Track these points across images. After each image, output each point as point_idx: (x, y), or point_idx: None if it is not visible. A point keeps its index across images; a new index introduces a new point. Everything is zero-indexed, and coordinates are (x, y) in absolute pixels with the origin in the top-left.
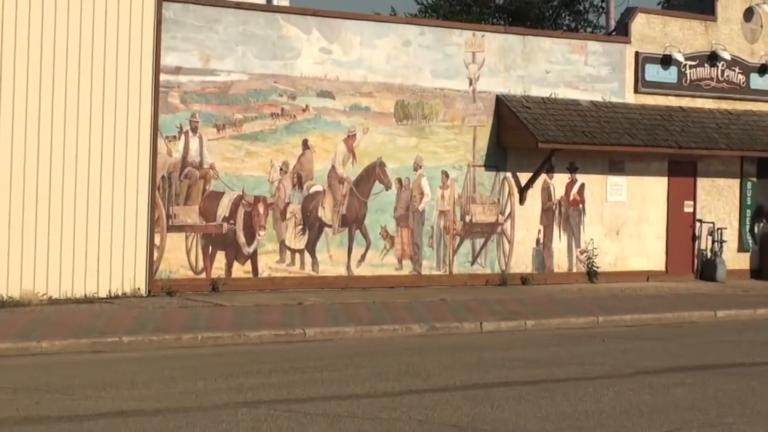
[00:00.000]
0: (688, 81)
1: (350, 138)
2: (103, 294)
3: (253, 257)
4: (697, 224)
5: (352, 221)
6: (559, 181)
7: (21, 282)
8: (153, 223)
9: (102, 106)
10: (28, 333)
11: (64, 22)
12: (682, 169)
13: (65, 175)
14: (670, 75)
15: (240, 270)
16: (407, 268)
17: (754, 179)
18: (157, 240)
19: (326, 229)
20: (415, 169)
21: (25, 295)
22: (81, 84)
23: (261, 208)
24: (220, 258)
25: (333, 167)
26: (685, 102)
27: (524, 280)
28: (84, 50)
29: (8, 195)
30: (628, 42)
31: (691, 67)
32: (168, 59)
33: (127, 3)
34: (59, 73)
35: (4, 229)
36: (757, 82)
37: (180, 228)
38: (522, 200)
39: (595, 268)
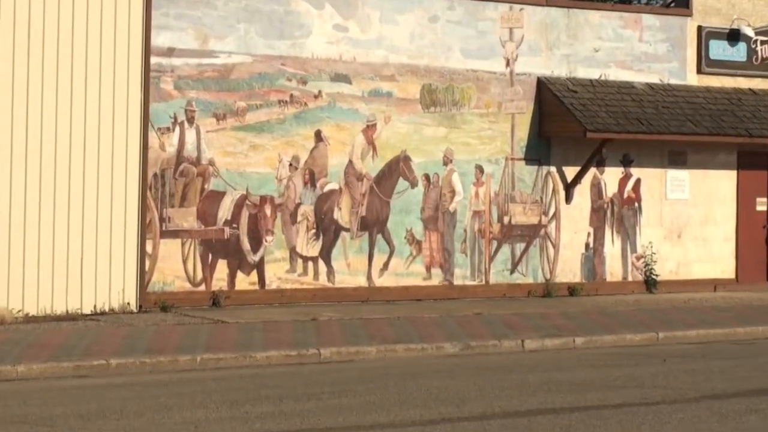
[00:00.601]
0: (759, 59)
1: (370, 128)
2: (87, 310)
3: (260, 266)
4: None
5: (373, 224)
6: (611, 176)
7: None
8: (144, 228)
9: (84, 95)
10: (2, 356)
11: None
12: (754, 161)
13: (42, 174)
14: (739, 52)
15: (245, 281)
16: (437, 278)
17: None
18: (148, 247)
19: (343, 233)
20: (445, 164)
21: None
22: (60, 69)
23: (268, 210)
24: (222, 267)
25: (350, 162)
26: (756, 83)
27: (572, 290)
28: (63, 31)
29: None
30: (690, 14)
31: (762, 43)
32: (159, 39)
33: None
34: (35, 58)
35: None
36: None
37: (175, 233)
38: (568, 198)
39: (653, 276)
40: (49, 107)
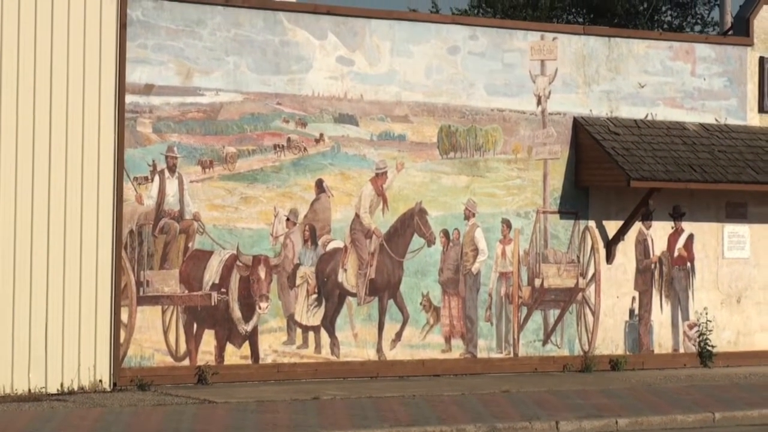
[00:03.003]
0: None
1: (379, 177)
2: (53, 389)
3: (253, 338)
4: None
5: (384, 288)
6: (659, 232)
7: None
8: (118, 294)
9: (48, 139)
10: None
11: None
12: None
13: (1, 233)
14: None
15: (235, 355)
16: (458, 350)
17: None
18: (124, 316)
19: (349, 298)
20: (467, 218)
21: None
22: (20, 110)
23: (262, 272)
24: (209, 339)
25: (357, 216)
26: None
27: (614, 364)
28: (24, 65)
29: None
30: (751, 44)
31: None
32: (136, 75)
33: (79, 0)
34: None
35: None
36: None
37: (155, 299)
38: (610, 258)
39: (709, 348)
40: (8, 152)
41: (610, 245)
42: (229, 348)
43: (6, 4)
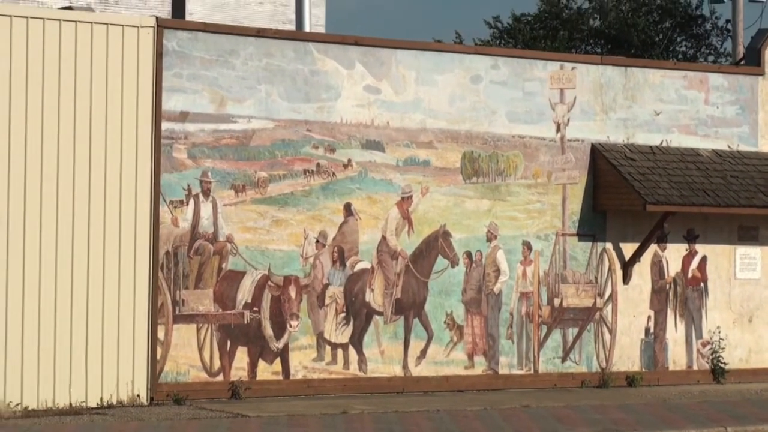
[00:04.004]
0: None
1: (405, 201)
2: (93, 403)
3: (284, 354)
4: None
5: (409, 307)
6: (673, 254)
7: None
8: (155, 313)
9: (88, 165)
10: None
11: (38, 57)
12: None
13: (42, 255)
14: None
15: (267, 371)
16: (480, 367)
17: None
18: (160, 334)
19: (376, 317)
20: (489, 240)
21: None
22: (61, 137)
23: (293, 292)
24: (242, 356)
25: (383, 238)
26: None
27: (630, 380)
28: (65, 94)
29: None
30: (762, 73)
31: None
32: (171, 103)
33: (118, 32)
34: (33, 123)
35: None
36: None
37: (190, 318)
38: (626, 278)
39: (721, 365)
40: (50, 178)
41: (627, 266)
42: (261, 364)
43: (47, 35)
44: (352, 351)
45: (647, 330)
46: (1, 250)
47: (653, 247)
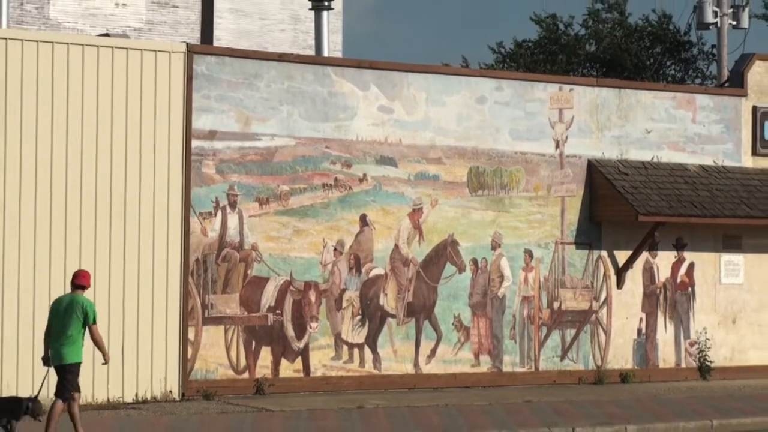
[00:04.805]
0: None
1: (416, 212)
2: (129, 398)
3: (304, 353)
4: None
5: (420, 310)
6: (663, 261)
7: (32, 386)
8: (186, 315)
9: (124, 180)
10: None
11: (77, 80)
12: None
13: (81, 261)
14: None
15: (289, 368)
16: (485, 365)
17: None
18: (191, 334)
19: (389, 319)
20: (493, 248)
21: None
22: (99, 154)
23: (312, 296)
24: (266, 355)
25: (396, 247)
26: None
27: (624, 377)
28: (102, 115)
29: (16, 287)
30: (745, 95)
31: None
32: (201, 122)
33: (151, 57)
34: (73, 141)
35: (11, 326)
36: None
37: (218, 320)
38: (620, 283)
39: (707, 363)
40: (89, 193)
41: (621, 272)
42: (284, 362)
43: (86, 60)
44: (367, 350)
45: (639, 331)
46: (43, 262)
47: (645, 255)
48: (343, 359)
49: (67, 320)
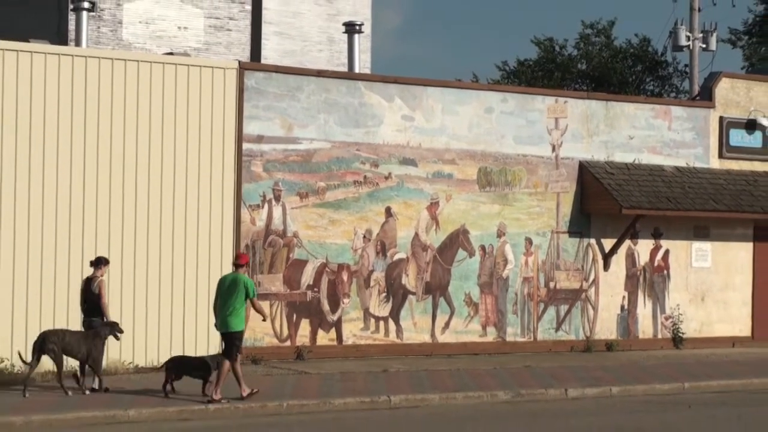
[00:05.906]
0: None
1: (433, 205)
2: None
3: (338, 325)
4: None
5: (436, 288)
6: (643, 247)
7: (107, 351)
8: None
9: (185, 176)
10: (114, 401)
11: (146, 92)
12: None
13: (149, 245)
14: (755, 140)
15: (324, 338)
16: (491, 335)
17: None
18: None
19: (410, 296)
20: (499, 236)
21: (111, 363)
22: (164, 154)
23: (345, 276)
24: (305, 326)
25: (416, 234)
26: None
27: (609, 346)
28: (167, 121)
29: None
30: (713, 107)
31: None
32: (250, 128)
33: (209, 72)
34: (142, 144)
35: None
36: None
37: (264, 296)
38: (606, 266)
39: (680, 334)
40: (155, 190)
41: (607, 257)
42: (320, 333)
43: (153, 75)
44: (391, 323)
45: (622, 307)
46: (116, 241)
47: (627, 242)
48: (371, 330)
49: (231, 294)
